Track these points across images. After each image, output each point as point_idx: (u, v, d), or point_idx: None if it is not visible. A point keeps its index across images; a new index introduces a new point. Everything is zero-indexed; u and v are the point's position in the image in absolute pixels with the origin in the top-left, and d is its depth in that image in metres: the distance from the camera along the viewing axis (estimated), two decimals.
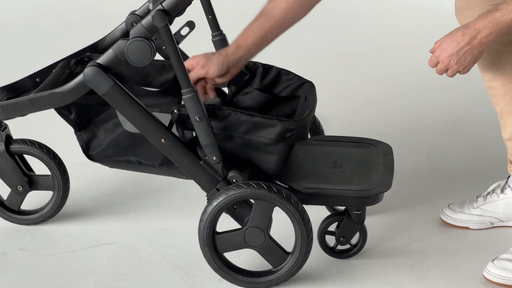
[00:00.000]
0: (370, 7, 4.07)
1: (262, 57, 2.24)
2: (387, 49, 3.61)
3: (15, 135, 2.19)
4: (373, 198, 1.96)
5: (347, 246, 2.05)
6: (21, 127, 2.44)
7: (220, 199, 1.88)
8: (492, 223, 2.19)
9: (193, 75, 1.98)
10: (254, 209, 1.89)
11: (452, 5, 2.10)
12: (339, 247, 2.06)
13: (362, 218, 2.00)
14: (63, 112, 2.03)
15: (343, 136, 2.23)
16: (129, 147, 2.04)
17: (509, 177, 2.17)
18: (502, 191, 2.17)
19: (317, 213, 2.26)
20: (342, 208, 2.06)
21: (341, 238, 2.03)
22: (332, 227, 2.07)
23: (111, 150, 2.05)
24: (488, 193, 2.19)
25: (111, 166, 2.10)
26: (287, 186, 1.94)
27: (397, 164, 2.57)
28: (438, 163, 2.58)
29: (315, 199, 1.96)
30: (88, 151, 2.07)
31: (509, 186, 2.16)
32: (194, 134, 1.94)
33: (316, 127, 2.35)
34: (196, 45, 2.54)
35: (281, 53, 3.60)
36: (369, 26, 3.87)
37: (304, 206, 1.91)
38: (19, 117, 2.05)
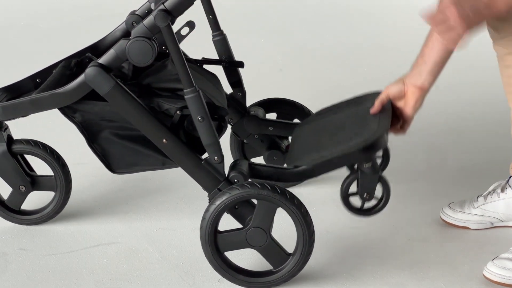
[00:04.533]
0: (371, 7, 4.07)
1: (261, 56, 2.23)
2: (387, 49, 3.61)
3: (13, 135, 2.19)
4: (376, 144, 1.89)
5: (374, 202, 1.98)
6: (19, 127, 2.44)
7: (224, 198, 1.88)
8: (492, 223, 2.19)
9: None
10: (257, 209, 1.89)
11: None
12: (366, 204, 1.98)
13: (375, 168, 1.93)
14: (68, 113, 2.01)
15: (342, 101, 2.19)
16: (149, 151, 2.03)
17: (510, 177, 2.17)
18: (502, 191, 2.17)
19: (317, 213, 2.26)
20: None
21: (365, 195, 1.96)
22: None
23: (132, 158, 2.04)
24: (489, 193, 2.19)
25: (135, 172, 2.08)
26: (293, 168, 1.92)
27: (397, 164, 2.58)
28: (438, 163, 2.59)
29: (321, 168, 1.92)
30: (110, 166, 2.05)
31: (510, 186, 2.16)
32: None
33: None
34: (196, 45, 2.55)
35: (281, 52, 3.61)
36: (369, 26, 3.88)
37: (306, 206, 1.91)
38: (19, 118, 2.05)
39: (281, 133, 2.29)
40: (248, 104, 2.34)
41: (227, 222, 1.95)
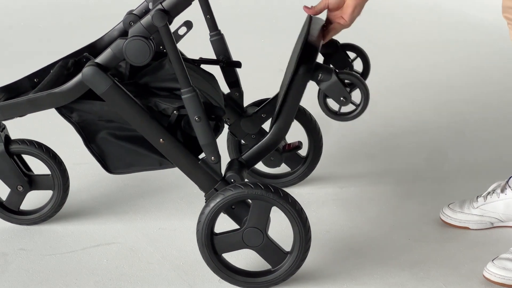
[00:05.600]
0: (370, 6, 4.07)
1: (262, 55, 2.22)
2: (387, 49, 3.61)
3: (13, 135, 2.19)
4: (307, 51, 1.88)
5: (353, 107, 1.97)
6: (20, 128, 2.44)
7: (218, 200, 1.88)
8: (492, 223, 2.18)
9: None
10: (252, 209, 1.88)
11: (451, 3, 2.10)
12: (343, 109, 1.97)
13: (327, 70, 1.91)
14: (65, 113, 2.01)
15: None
16: (146, 152, 2.02)
17: (510, 177, 2.17)
18: (502, 191, 2.17)
19: (317, 213, 2.26)
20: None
21: (342, 99, 1.94)
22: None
23: (129, 158, 2.03)
24: (488, 193, 2.19)
25: (132, 172, 2.08)
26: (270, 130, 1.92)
27: (397, 164, 2.58)
28: (438, 163, 2.58)
29: (289, 108, 1.92)
30: (107, 166, 2.04)
31: (509, 186, 2.16)
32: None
33: (312, 126, 2.36)
34: (194, 45, 2.55)
35: (280, 52, 3.61)
36: (369, 26, 3.87)
37: (306, 206, 1.90)
38: (18, 117, 2.05)
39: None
40: (246, 104, 2.34)
41: (225, 223, 1.95)
